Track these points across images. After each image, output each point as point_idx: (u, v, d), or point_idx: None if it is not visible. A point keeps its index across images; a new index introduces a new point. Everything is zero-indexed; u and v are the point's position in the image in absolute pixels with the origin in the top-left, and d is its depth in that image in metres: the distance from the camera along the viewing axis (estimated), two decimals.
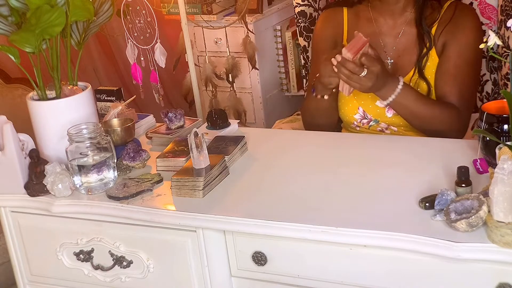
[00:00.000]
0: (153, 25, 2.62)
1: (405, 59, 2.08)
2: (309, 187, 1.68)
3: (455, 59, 2.00)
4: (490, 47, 1.50)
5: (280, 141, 2.01)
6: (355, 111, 2.09)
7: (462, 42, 2.00)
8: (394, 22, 2.09)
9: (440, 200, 1.48)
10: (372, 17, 2.12)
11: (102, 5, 1.88)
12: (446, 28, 2.02)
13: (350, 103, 2.09)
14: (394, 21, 2.09)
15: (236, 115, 3.36)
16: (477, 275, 1.42)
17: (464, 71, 2.01)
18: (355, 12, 2.16)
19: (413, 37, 2.07)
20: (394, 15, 2.08)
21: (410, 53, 2.07)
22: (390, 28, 2.10)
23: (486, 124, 1.61)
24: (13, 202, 1.84)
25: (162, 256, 1.71)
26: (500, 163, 1.36)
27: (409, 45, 2.08)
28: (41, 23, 1.71)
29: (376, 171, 1.72)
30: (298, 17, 2.44)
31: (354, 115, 2.10)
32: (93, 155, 1.75)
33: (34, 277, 1.92)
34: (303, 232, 1.52)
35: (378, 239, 1.46)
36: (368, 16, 2.13)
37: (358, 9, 2.16)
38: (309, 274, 1.58)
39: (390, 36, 2.10)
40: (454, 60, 2.01)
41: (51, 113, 1.82)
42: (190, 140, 1.68)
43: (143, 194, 1.72)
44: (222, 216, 1.59)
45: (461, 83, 2.00)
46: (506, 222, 1.36)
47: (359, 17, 2.15)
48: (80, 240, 1.80)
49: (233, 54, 3.36)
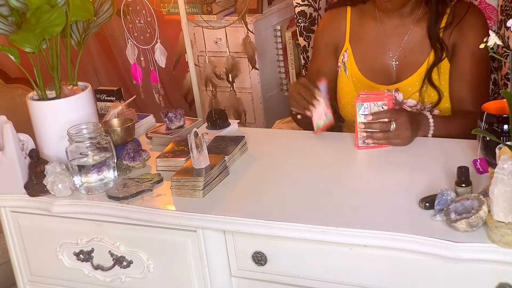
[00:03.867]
0: (153, 25, 2.62)
1: (412, 59, 2.05)
2: (309, 187, 1.68)
3: (469, 62, 1.98)
4: (490, 47, 1.50)
5: (280, 141, 2.01)
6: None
7: (472, 42, 1.96)
8: (401, 21, 2.06)
9: (440, 200, 1.48)
10: (378, 17, 2.09)
11: (102, 5, 1.88)
12: (456, 29, 2.00)
13: (352, 101, 2.08)
14: (401, 21, 2.06)
15: (236, 115, 3.36)
16: (477, 275, 1.42)
17: (477, 72, 2.00)
18: (359, 11, 2.14)
19: (421, 37, 2.04)
20: (402, 15, 2.06)
21: (418, 53, 2.04)
22: (396, 28, 2.07)
23: (486, 124, 1.61)
24: (13, 202, 1.84)
25: (162, 256, 1.71)
26: (500, 163, 1.36)
27: (416, 45, 2.05)
28: (41, 23, 1.71)
29: (376, 171, 1.72)
30: (298, 17, 2.44)
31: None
32: (93, 155, 1.75)
33: (34, 277, 1.92)
34: (303, 232, 1.52)
35: (378, 239, 1.46)
36: (373, 15, 2.10)
37: (362, 8, 2.14)
38: (309, 274, 1.58)
39: (396, 36, 2.08)
40: (468, 63, 1.98)
41: (51, 113, 1.82)
42: (190, 140, 1.68)
43: (143, 194, 1.72)
44: (222, 216, 1.59)
45: (476, 86, 1.99)
46: (506, 222, 1.36)
47: (364, 16, 2.13)
48: (80, 240, 1.80)
49: (233, 54, 3.36)
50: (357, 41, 2.13)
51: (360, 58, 2.11)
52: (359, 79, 2.10)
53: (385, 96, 1.81)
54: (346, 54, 2.13)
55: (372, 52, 2.11)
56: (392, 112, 1.80)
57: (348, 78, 2.11)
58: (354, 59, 2.11)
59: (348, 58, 2.12)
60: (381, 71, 2.09)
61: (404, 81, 2.05)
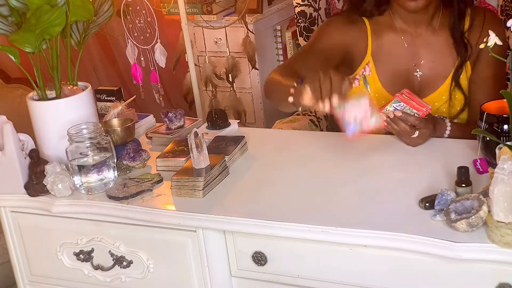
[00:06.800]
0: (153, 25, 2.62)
1: (437, 70, 2.01)
2: (309, 187, 1.68)
3: (489, 70, 1.96)
4: (490, 47, 1.50)
5: (280, 141, 2.01)
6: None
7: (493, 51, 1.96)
8: (421, 31, 2.01)
9: (440, 200, 1.48)
10: (397, 27, 2.03)
11: (102, 5, 1.88)
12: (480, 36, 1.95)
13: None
14: (421, 31, 2.01)
15: (236, 115, 3.36)
16: (477, 275, 1.42)
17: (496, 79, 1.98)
18: (376, 21, 2.06)
19: (444, 47, 2.00)
20: (422, 24, 2.00)
21: (442, 63, 2.00)
22: (417, 38, 2.02)
23: (486, 124, 1.61)
24: (13, 202, 1.84)
25: (162, 256, 1.71)
26: (500, 163, 1.36)
27: (440, 55, 2.00)
28: (41, 23, 1.71)
29: (376, 171, 1.72)
30: (298, 17, 2.43)
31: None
32: (93, 155, 1.75)
33: (34, 277, 1.92)
34: (303, 232, 1.52)
35: (378, 239, 1.46)
36: (392, 27, 2.04)
37: (378, 20, 2.05)
38: (309, 274, 1.58)
39: (418, 46, 2.02)
40: (489, 70, 1.96)
41: (51, 113, 1.82)
42: (190, 140, 1.68)
43: (143, 194, 1.72)
44: (222, 216, 1.59)
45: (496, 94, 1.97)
46: (506, 222, 1.36)
47: (382, 27, 2.05)
48: (80, 240, 1.80)
49: (233, 54, 3.36)
50: (380, 53, 2.05)
51: (383, 73, 2.04)
52: (383, 95, 2.03)
53: (424, 110, 1.76)
54: (367, 68, 2.05)
55: (395, 65, 2.04)
56: (421, 122, 1.76)
57: (369, 93, 2.03)
58: (377, 73, 2.05)
59: (370, 73, 2.05)
60: (405, 85, 1.97)
61: (430, 95, 2.01)
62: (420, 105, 1.76)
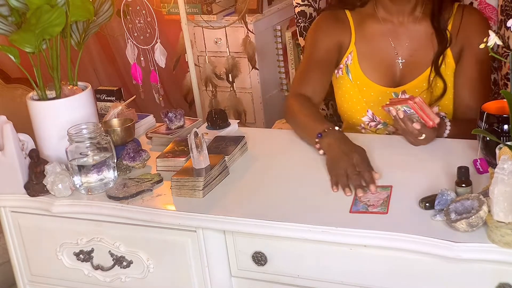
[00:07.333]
0: (153, 25, 2.62)
1: (418, 58, 2.04)
2: (309, 187, 1.68)
3: (474, 70, 1.99)
4: (490, 47, 1.50)
5: (280, 141, 2.01)
6: (363, 113, 2.07)
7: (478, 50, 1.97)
8: (404, 20, 2.05)
9: (440, 200, 1.48)
10: (380, 17, 2.08)
11: (102, 5, 1.88)
12: (462, 33, 2.00)
13: (358, 105, 2.07)
14: (404, 20, 2.05)
15: (236, 115, 3.36)
16: (477, 275, 1.42)
17: (482, 79, 2.01)
18: (359, 13, 2.11)
19: (425, 36, 2.04)
20: (404, 14, 2.05)
21: (424, 51, 2.04)
22: (399, 27, 2.06)
23: (486, 124, 1.61)
24: (13, 202, 1.84)
25: (162, 256, 1.71)
26: (500, 163, 1.36)
27: (422, 43, 2.04)
28: (41, 23, 1.71)
29: (377, 171, 1.71)
30: (298, 17, 2.44)
31: (363, 117, 2.07)
32: (93, 155, 1.75)
33: (34, 277, 1.92)
34: (303, 232, 1.52)
35: (378, 239, 1.46)
36: (375, 17, 2.09)
37: (361, 11, 2.11)
38: (309, 274, 1.58)
39: (400, 35, 2.06)
40: (473, 70, 1.99)
41: (51, 113, 1.82)
42: (190, 140, 1.68)
43: (143, 194, 1.72)
44: (222, 216, 1.59)
45: (481, 94, 1.99)
46: (506, 222, 1.36)
47: (364, 17, 2.10)
48: (80, 240, 1.80)
49: (233, 54, 3.36)
50: (362, 42, 2.10)
51: (365, 60, 2.09)
52: (364, 82, 2.07)
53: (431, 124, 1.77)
54: (350, 57, 2.10)
55: (377, 53, 2.09)
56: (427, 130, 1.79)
57: (351, 82, 2.09)
58: (358, 61, 2.09)
59: (352, 61, 2.09)
60: (386, 72, 2.07)
61: (411, 82, 2.04)
62: (429, 117, 1.78)
